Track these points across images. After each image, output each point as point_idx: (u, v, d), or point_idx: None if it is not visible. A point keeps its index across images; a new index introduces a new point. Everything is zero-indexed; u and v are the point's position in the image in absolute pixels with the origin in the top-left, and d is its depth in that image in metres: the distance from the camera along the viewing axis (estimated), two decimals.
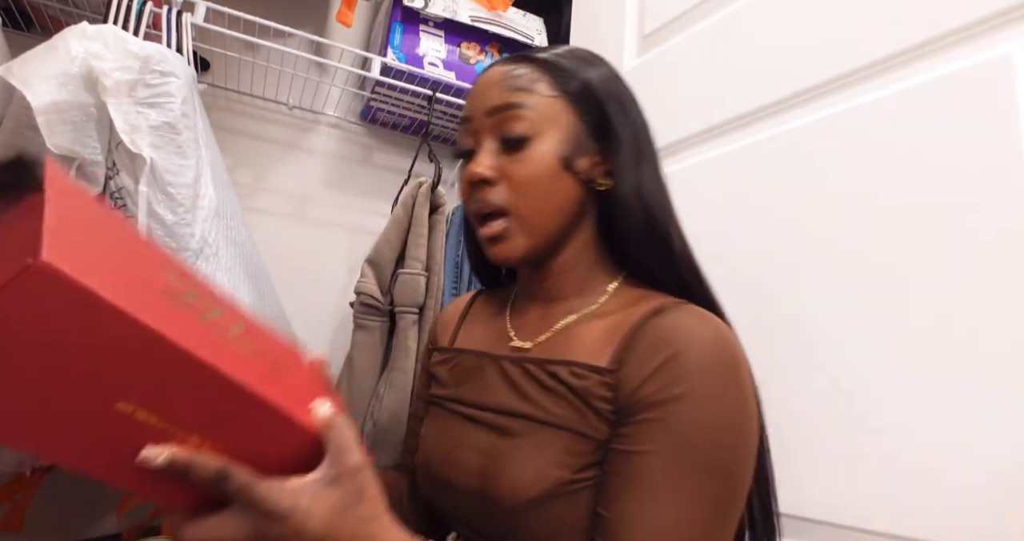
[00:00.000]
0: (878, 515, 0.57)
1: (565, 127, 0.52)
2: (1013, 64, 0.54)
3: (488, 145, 0.53)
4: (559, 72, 0.53)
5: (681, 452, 0.42)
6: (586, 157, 0.53)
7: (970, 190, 0.55)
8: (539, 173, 0.51)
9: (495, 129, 0.52)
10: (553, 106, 0.52)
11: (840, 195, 0.65)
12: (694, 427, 0.42)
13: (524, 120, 0.51)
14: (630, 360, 0.46)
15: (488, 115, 0.52)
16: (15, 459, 0.79)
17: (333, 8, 1.41)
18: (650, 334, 0.46)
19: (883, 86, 0.64)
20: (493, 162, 0.52)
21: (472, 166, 0.52)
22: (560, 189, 0.52)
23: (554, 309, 0.56)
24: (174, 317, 0.30)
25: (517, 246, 0.52)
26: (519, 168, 0.51)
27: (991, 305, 0.52)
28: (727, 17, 0.84)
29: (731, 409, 0.44)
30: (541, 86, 0.52)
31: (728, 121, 0.81)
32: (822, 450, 0.61)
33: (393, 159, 1.46)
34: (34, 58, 0.72)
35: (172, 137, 0.75)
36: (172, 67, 0.78)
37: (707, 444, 0.42)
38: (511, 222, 0.52)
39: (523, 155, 0.51)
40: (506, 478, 0.47)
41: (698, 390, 0.43)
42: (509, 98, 0.51)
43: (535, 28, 1.40)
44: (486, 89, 0.53)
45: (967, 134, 0.56)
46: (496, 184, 0.52)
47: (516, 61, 0.54)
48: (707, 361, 0.44)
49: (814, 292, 0.66)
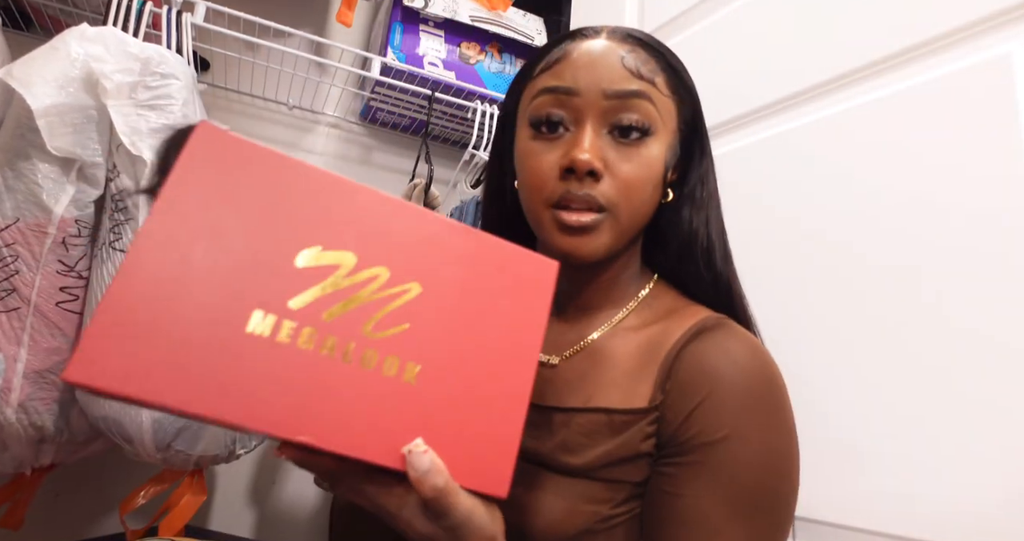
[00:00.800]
0: (879, 515, 0.57)
1: (674, 130, 0.48)
2: (1013, 64, 0.54)
3: (594, 129, 0.45)
4: (674, 72, 0.48)
5: (733, 495, 0.41)
6: (673, 167, 0.49)
7: (970, 190, 0.55)
8: (648, 177, 0.46)
9: (608, 114, 0.45)
10: (668, 107, 0.47)
11: (840, 195, 0.65)
12: (744, 469, 0.41)
13: (647, 113, 0.45)
14: (671, 394, 0.44)
15: (606, 96, 0.45)
16: (16, 459, 0.79)
17: (333, 8, 1.41)
18: (689, 364, 0.44)
19: (883, 86, 0.64)
20: (600, 152, 0.45)
21: (578, 152, 0.43)
22: (654, 197, 0.47)
23: (584, 318, 0.52)
24: None
25: (602, 244, 0.46)
26: (631, 167, 0.45)
27: (992, 305, 0.52)
28: (727, 17, 0.84)
29: (776, 443, 0.42)
30: (660, 81, 0.47)
31: (728, 121, 0.81)
32: (822, 450, 0.61)
33: (393, 159, 1.46)
34: (34, 60, 0.72)
35: None
36: (172, 69, 0.78)
37: (758, 484, 0.41)
38: (606, 219, 0.45)
39: (637, 151, 0.45)
40: (531, 509, 0.45)
41: (742, 430, 0.41)
42: (636, 85, 0.45)
43: (535, 28, 1.40)
44: (604, 63, 0.46)
45: (967, 134, 0.56)
46: (601, 178, 0.44)
47: (631, 42, 0.47)
48: (748, 398, 0.42)
49: (815, 291, 0.66)
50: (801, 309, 0.67)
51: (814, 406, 0.63)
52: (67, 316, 0.74)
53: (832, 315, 0.64)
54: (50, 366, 0.73)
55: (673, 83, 0.48)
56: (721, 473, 0.41)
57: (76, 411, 0.77)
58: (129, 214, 0.72)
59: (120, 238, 0.72)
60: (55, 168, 0.72)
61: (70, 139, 0.71)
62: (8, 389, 0.70)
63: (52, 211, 0.71)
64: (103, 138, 0.75)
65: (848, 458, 0.60)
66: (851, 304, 0.62)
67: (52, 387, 0.74)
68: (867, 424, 0.59)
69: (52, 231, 0.71)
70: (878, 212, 0.62)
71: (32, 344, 0.71)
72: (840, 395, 0.62)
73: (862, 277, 0.62)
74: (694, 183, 0.50)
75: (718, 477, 0.41)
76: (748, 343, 0.45)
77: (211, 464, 0.84)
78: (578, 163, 0.43)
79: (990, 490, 0.50)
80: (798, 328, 0.66)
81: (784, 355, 0.64)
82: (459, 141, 1.46)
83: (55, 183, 0.72)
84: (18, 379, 0.70)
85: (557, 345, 0.52)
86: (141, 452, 0.76)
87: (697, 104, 0.51)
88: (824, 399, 0.63)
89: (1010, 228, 0.52)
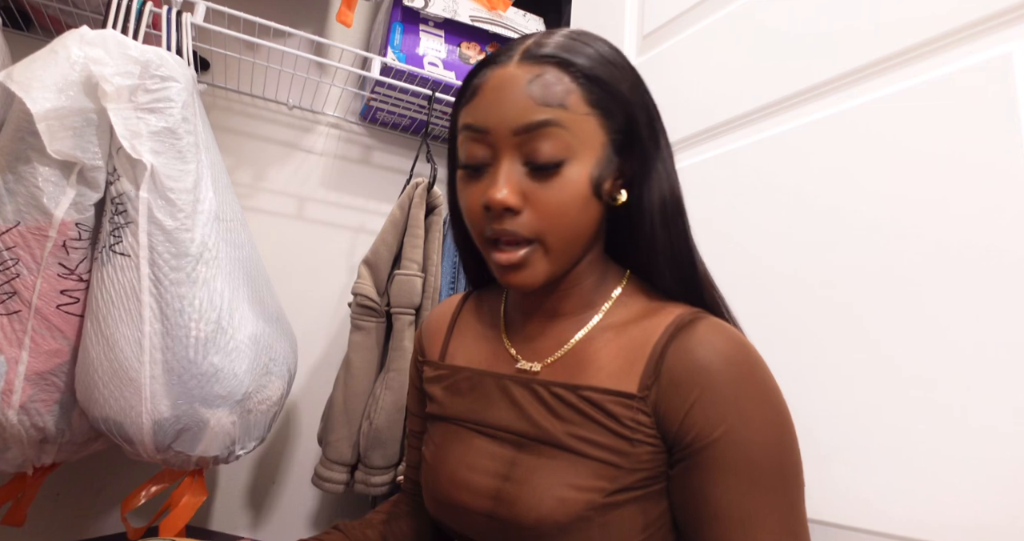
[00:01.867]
0: (879, 515, 0.57)
1: (598, 147, 0.47)
2: (1013, 64, 0.54)
3: (510, 166, 0.46)
4: (591, 84, 0.46)
5: (754, 477, 0.43)
6: (611, 177, 0.49)
7: (970, 190, 0.55)
8: (571, 201, 0.46)
9: (520, 148, 0.45)
10: (587, 125, 0.46)
11: (840, 195, 0.65)
12: (755, 450, 0.43)
13: (558, 141, 0.45)
14: (662, 390, 0.45)
15: (515, 132, 0.45)
16: (17, 459, 0.79)
17: (333, 8, 1.41)
18: (675, 360, 0.45)
19: (883, 86, 0.64)
20: (517, 187, 0.45)
21: (493, 192, 0.45)
22: (588, 214, 0.47)
23: (558, 324, 0.53)
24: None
25: (538, 274, 0.48)
26: (550, 196, 0.45)
27: (993, 305, 0.52)
28: (727, 16, 0.83)
29: (774, 417, 0.45)
30: (574, 100, 0.45)
31: (728, 121, 0.81)
32: (823, 449, 0.62)
33: (393, 159, 1.46)
34: (34, 63, 0.72)
35: (172, 142, 0.75)
36: (172, 71, 0.78)
37: (771, 459, 0.43)
38: (535, 251, 0.47)
39: (554, 181, 0.45)
40: (523, 502, 0.45)
41: (741, 416, 0.43)
42: (541, 115, 0.44)
43: (535, 28, 1.40)
44: (509, 96, 0.45)
45: (967, 134, 0.56)
46: (520, 212, 0.45)
47: (538, 61, 0.46)
48: (739, 385, 0.44)
49: (815, 291, 0.66)
50: (799, 307, 0.67)
51: (811, 405, 0.63)
52: (68, 319, 0.74)
53: (828, 315, 0.64)
54: (51, 368, 0.73)
55: (593, 97, 0.46)
56: (735, 461, 0.43)
57: (77, 412, 0.77)
58: (129, 217, 0.72)
59: (120, 241, 0.72)
60: (55, 171, 0.72)
61: (70, 142, 0.71)
62: (10, 391, 0.70)
63: (52, 214, 0.71)
64: (103, 141, 0.75)
65: (847, 457, 0.60)
66: (849, 303, 0.62)
67: (53, 389, 0.74)
68: (866, 423, 0.59)
69: (53, 234, 0.71)
70: (878, 212, 0.62)
71: (33, 346, 0.71)
72: (838, 394, 0.62)
73: (860, 276, 0.62)
74: (644, 183, 0.50)
75: (734, 466, 0.43)
76: (726, 333, 0.47)
77: (211, 465, 0.84)
78: (492, 202, 0.45)
79: (988, 490, 0.50)
80: (797, 327, 0.67)
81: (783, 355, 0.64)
82: None
83: (55, 186, 0.72)
84: (19, 381, 0.70)
85: (537, 352, 0.52)
86: (141, 452, 0.77)
87: (631, 107, 0.48)
88: (822, 398, 0.63)
89: (1010, 228, 0.52)
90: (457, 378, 0.57)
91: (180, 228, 0.72)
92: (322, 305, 1.33)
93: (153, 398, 0.70)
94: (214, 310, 0.74)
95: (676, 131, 0.88)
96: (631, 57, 1.00)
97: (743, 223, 0.76)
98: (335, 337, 1.33)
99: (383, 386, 1.03)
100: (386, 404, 1.01)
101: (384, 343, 1.10)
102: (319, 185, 1.38)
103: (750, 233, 0.74)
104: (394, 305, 1.07)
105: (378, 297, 1.08)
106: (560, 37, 0.48)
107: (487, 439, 0.51)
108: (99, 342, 0.71)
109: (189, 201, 0.74)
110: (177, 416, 0.74)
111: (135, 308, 0.70)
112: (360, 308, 1.08)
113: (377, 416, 1.01)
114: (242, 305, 0.79)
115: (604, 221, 0.51)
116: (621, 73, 0.48)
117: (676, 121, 0.88)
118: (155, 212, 0.71)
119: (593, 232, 0.50)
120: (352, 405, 1.04)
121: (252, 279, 0.85)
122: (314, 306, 1.32)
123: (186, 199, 0.73)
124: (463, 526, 0.51)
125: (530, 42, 0.48)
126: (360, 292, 1.07)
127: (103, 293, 0.72)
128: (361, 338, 1.07)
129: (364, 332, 1.08)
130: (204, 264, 0.73)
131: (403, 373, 1.03)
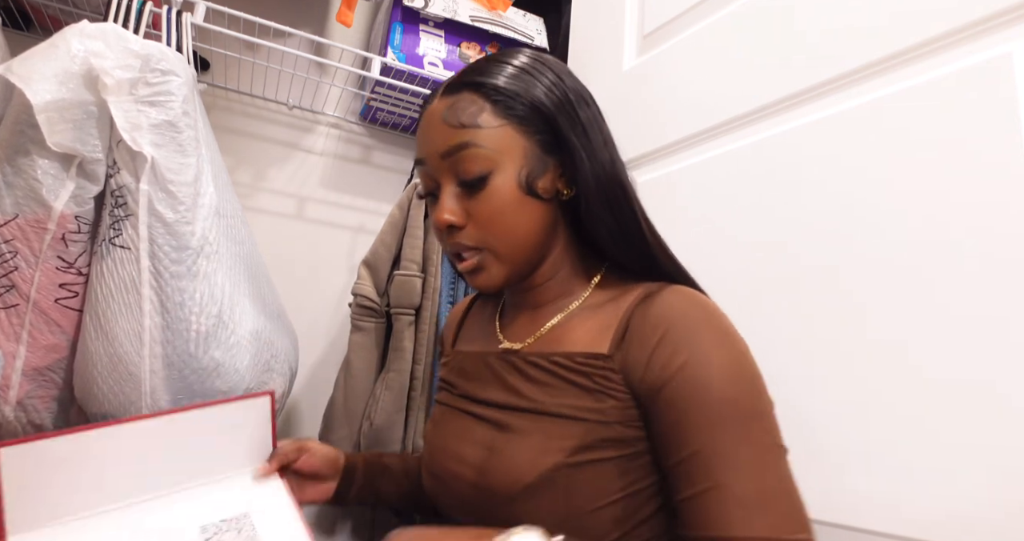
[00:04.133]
0: (878, 515, 0.57)
1: (519, 153, 0.51)
2: (1013, 64, 0.54)
3: (448, 188, 0.53)
4: (501, 96, 0.51)
5: (716, 413, 0.44)
6: (546, 174, 0.53)
7: (971, 190, 0.55)
8: (502, 207, 0.51)
9: (451, 171, 0.52)
10: (503, 136, 0.51)
11: (840, 195, 0.66)
12: (715, 384, 0.45)
13: (477, 158, 0.50)
14: (630, 345, 0.49)
15: (441, 158, 0.52)
16: None
17: (333, 8, 1.41)
18: (642, 318, 0.49)
19: (883, 86, 0.64)
20: (456, 206, 0.52)
21: (437, 214, 0.52)
22: (527, 214, 0.52)
23: (541, 312, 0.58)
24: None
25: (495, 276, 0.54)
26: (482, 207, 0.51)
27: (993, 304, 0.52)
28: (727, 17, 0.84)
29: (733, 355, 0.47)
30: (486, 117, 0.51)
31: (728, 121, 0.81)
32: (823, 449, 0.61)
33: (393, 159, 1.46)
34: (34, 56, 0.72)
35: (173, 135, 0.75)
36: (173, 65, 0.78)
37: (731, 394, 0.45)
38: (485, 256, 0.53)
39: (483, 194, 0.51)
40: (502, 468, 0.49)
41: (699, 354, 0.46)
42: (457, 138, 0.51)
43: (535, 28, 1.40)
44: (431, 128, 0.53)
45: (967, 134, 0.56)
46: (464, 226, 0.52)
47: (455, 90, 0.52)
48: (696, 327, 0.47)
49: (815, 290, 0.66)
50: (799, 307, 0.67)
51: (812, 405, 0.63)
52: (66, 313, 0.73)
53: (828, 314, 0.64)
54: (49, 363, 0.73)
55: (503, 108, 0.51)
56: (696, 395, 0.45)
57: (75, 409, 0.76)
58: (129, 210, 0.71)
59: (120, 234, 0.72)
60: (55, 164, 0.72)
61: (70, 135, 0.71)
62: (7, 386, 0.70)
63: (52, 207, 0.71)
64: (103, 134, 0.75)
65: (847, 457, 0.60)
66: (849, 303, 0.62)
67: (51, 385, 0.74)
68: (866, 423, 0.59)
69: (52, 227, 0.71)
70: (878, 212, 0.62)
71: (31, 341, 0.71)
72: (838, 393, 0.62)
73: (861, 276, 0.62)
74: (577, 172, 0.53)
75: (696, 403, 0.45)
76: (688, 293, 0.51)
77: None
78: (438, 224, 0.52)
79: (986, 489, 0.50)
80: (797, 327, 0.67)
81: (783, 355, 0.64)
82: None
83: (55, 179, 0.71)
84: (17, 376, 0.70)
85: (520, 335, 0.59)
86: None
87: (547, 108, 0.52)
88: (822, 397, 0.63)
89: (1010, 227, 0.52)
90: (458, 360, 0.64)
91: (181, 221, 0.72)
92: (322, 305, 1.33)
93: (153, 393, 0.70)
94: (215, 304, 0.73)
95: (675, 131, 0.88)
96: (631, 57, 1.00)
97: (743, 223, 0.76)
98: (335, 337, 1.33)
99: (383, 386, 1.03)
100: (386, 404, 1.01)
101: (384, 344, 1.10)
102: (319, 185, 1.38)
103: (750, 233, 0.75)
104: (394, 306, 1.07)
105: (378, 297, 1.07)
106: (483, 61, 0.54)
107: (478, 414, 0.56)
108: (98, 336, 0.70)
109: (190, 194, 0.73)
110: None
111: (135, 301, 0.69)
112: (360, 308, 1.08)
113: (377, 416, 1.01)
114: (243, 300, 0.78)
115: (557, 216, 0.56)
116: (535, 78, 0.53)
117: (676, 121, 0.88)
118: (155, 204, 0.71)
119: (542, 229, 0.54)
120: (352, 405, 1.04)
121: (253, 276, 0.85)
122: (314, 306, 1.32)
123: (187, 192, 0.73)
124: (451, 498, 0.55)
125: (456, 74, 0.55)
126: (360, 292, 1.07)
127: (102, 286, 0.71)
128: (361, 338, 1.07)
129: (364, 332, 1.07)
130: (205, 258, 0.73)
131: (403, 374, 1.03)
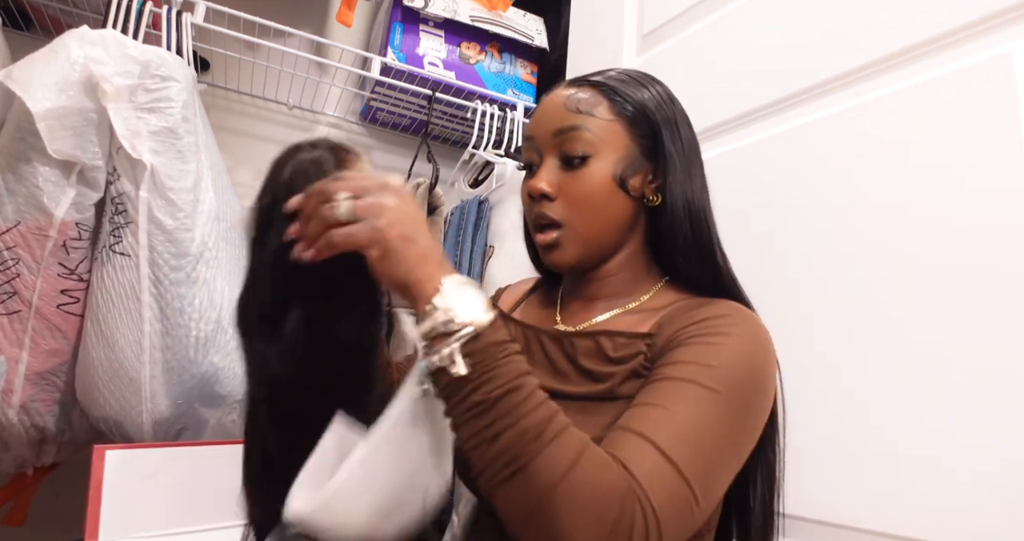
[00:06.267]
0: (878, 515, 0.57)
1: (621, 148, 0.56)
2: (1013, 64, 0.54)
3: (550, 162, 0.57)
4: (617, 97, 0.57)
5: (704, 370, 0.45)
6: (639, 175, 0.57)
7: (971, 190, 0.55)
8: (594, 190, 0.55)
9: (557, 148, 0.56)
10: (611, 129, 0.56)
11: (840, 194, 0.65)
12: (719, 354, 0.46)
13: (584, 141, 0.55)
14: (670, 324, 0.51)
15: (552, 135, 0.56)
16: (18, 459, 0.79)
17: (333, 8, 1.41)
18: (688, 307, 0.52)
19: (883, 86, 0.64)
20: (553, 178, 0.56)
21: (534, 182, 0.56)
22: (612, 204, 0.56)
23: (596, 305, 0.60)
24: None
25: (569, 254, 0.57)
26: (576, 185, 0.55)
27: (993, 304, 0.52)
28: (727, 16, 0.83)
29: (755, 351, 0.48)
30: (601, 109, 0.56)
31: (728, 120, 0.81)
32: (822, 449, 0.62)
33: (393, 159, 1.46)
34: (34, 63, 0.72)
35: (172, 142, 0.75)
36: (172, 71, 0.78)
37: (729, 370, 0.46)
38: (565, 233, 0.56)
39: (581, 173, 0.55)
40: None
41: (721, 337, 0.48)
42: (571, 120, 0.56)
43: (535, 28, 1.40)
44: (550, 110, 0.58)
45: (967, 134, 0.56)
46: (554, 199, 0.56)
47: (579, 85, 0.58)
48: (732, 322, 0.49)
49: (816, 290, 0.66)
50: (800, 307, 0.67)
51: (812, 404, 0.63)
52: (68, 318, 0.74)
53: (829, 314, 0.64)
54: (51, 368, 0.73)
55: (618, 107, 0.57)
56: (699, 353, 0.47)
57: (77, 412, 0.77)
58: (129, 217, 0.72)
59: (120, 241, 0.72)
60: (55, 171, 0.72)
61: (70, 142, 0.72)
62: (10, 391, 0.71)
63: (53, 214, 0.71)
64: (103, 141, 0.75)
65: (846, 457, 0.60)
66: (850, 303, 0.62)
67: (53, 388, 0.74)
68: (866, 423, 0.59)
69: (53, 234, 0.71)
70: (878, 212, 0.62)
71: (33, 346, 0.71)
72: (839, 393, 0.62)
73: (861, 276, 0.62)
74: (669, 184, 0.57)
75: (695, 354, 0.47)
76: (739, 306, 0.53)
77: None
78: (531, 190, 0.56)
79: (988, 489, 0.50)
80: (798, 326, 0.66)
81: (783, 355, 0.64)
82: (459, 141, 1.46)
83: (56, 186, 0.72)
84: (19, 381, 0.71)
85: (572, 321, 0.61)
86: None
87: (654, 118, 0.57)
88: (822, 397, 0.63)
89: (1011, 228, 0.52)
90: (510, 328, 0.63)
91: (180, 228, 0.72)
92: None
93: (153, 397, 0.71)
94: (214, 309, 0.74)
95: None
96: (631, 57, 1.00)
97: (743, 223, 0.76)
98: None
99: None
100: None
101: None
102: None
103: (750, 233, 0.74)
104: (395, 304, 1.07)
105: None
106: (610, 69, 0.61)
107: None
108: (99, 342, 0.71)
109: (189, 201, 0.74)
110: (177, 415, 0.74)
111: (135, 308, 0.70)
112: None
113: None
114: None
115: (639, 218, 0.59)
116: (645, 89, 0.58)
117: None
118: (155, 212, 0.71)
119: (622, 222, 0.57)
120: None
121: None
122: None
123: (186, 199, 0.73)
124: None
125: (578, 77, 0.60)
126: None
127: (103, 293, 0.72)
128: None
129: None
130: (204, 264, 0.73)
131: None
